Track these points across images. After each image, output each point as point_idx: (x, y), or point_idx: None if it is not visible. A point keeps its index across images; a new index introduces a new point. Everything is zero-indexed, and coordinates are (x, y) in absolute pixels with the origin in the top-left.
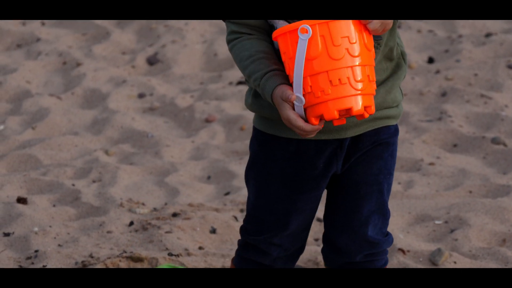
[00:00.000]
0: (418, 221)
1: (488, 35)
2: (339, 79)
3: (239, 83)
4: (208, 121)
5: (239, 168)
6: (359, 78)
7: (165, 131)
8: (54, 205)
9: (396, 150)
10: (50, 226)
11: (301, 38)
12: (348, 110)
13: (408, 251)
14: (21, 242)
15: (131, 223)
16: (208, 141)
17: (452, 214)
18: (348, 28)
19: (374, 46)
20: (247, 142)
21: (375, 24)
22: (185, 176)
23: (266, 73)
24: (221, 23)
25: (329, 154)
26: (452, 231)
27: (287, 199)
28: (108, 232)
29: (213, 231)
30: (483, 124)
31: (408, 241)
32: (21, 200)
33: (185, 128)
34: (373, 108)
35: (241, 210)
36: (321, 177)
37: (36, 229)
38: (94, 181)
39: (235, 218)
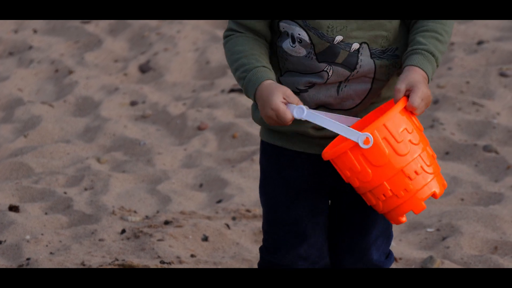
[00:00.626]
0: (410, 229)
1: (480, 43)
2: (415, 171)
3: (231, 91)
4: (200, 129)
5: (231, 176)
6: (428, 163)
7: (157, 139)
8: (46, 213)
9: None
10: (42, 234)
11: (365, 147)
12: (432, 196)
13: (400, 258)
14: (13, 250)
15: (123, 231)
16: (200, 149)
17: (444, 222)
18: (401, 120)
19: (392, 65)
20: (239, 150)
21: (421, 108)
22: (177, 184)
23: (257, 67)
24: (213, 31)
25: (335, 169)
26: (444, 238)
27: (299, 210)
28: (100, 240)
29: (205, 239)
30: (475, 131)
31: (400, 249)
32: (13, 208)
33: (177, 136)
34: (445, 182)
35: (233, 218)
36: (332, 188)
37: (28, 237)
38: (86, 189)
39: (227, 226)
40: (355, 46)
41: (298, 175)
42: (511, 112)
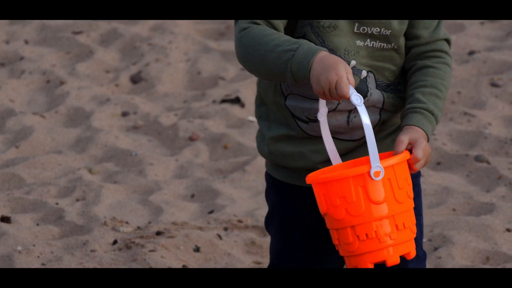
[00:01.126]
0: None
1: (471, 53)
2: (403, 224)
3: (223, 101)
4: (192, 139)
5: (223, 186)
6: (415, 221)
7: (149, 149)
8: (37, 224)
9: (421, 190)
10: (34, 245)
11: (374, 179)
12: (405, 256)
13: None
14: (4, 261)
15: (115, 242)
16: (192, 160)
17: (435, 232)
18: (406, 170)
19: (398, 97)
20: (231, 160)
21: (421, 164)
22: (169, 195)
23: (306, 41)
24: (204, 42)
25: None
26: (435, 249)
27: (311, 249)
28: (92, 251)
29: (197, 249)
30: (467, 142)
31: None
32: (5, 219)
33: (169, 147)
34: (414, 251)
35: (225, 229)
36: None
37: (19, 248)
38: (77, 200)
39: (219, 236)
40: (364, 73)
41: (313, 212)
42: (502, 122)
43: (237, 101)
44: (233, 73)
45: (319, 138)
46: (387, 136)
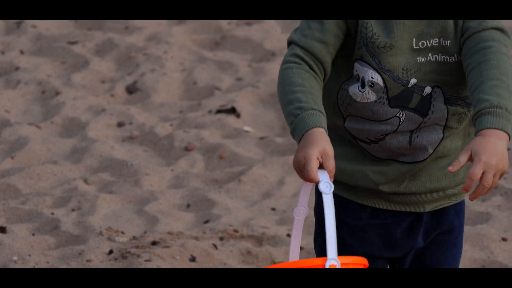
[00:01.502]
0: None
1: None
2: None
3: (218, 111)
4: (187, 149)
5: (219, 196)
6: None
7: (145, 159)
8: (33, 234)
9: (460, 251)
10: (29, 255)
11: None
12: None
13: None
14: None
15: (111, 252)
16: (188, 170)
17: None
18: None
19: (465, 113)
20: (227, 170)
21: (488, 181)
22: (164, 205)
23: (313, 109)
24: (200, 52)
25: (406, 226)
26: None
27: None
28: (88, 260)
29: (193, 259)
30: None
31: None
32: (0, 229)
33: (164, 157)
34: None
35: (221, 238)
36: (398, 248)
37: (15, 258)
38: (73, 210)
39: (215, 246)
40: (428, 89)
41: (365, 230)
42: None
43: (232, 111)
44: (229, 83)
45: (382, 160)
46: (449, 165)
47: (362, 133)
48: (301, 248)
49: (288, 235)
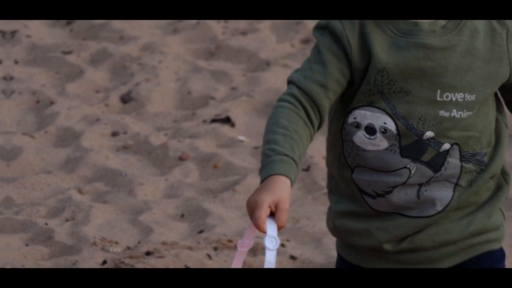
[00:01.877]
0: None
1: None
2: None
3: (213, 121)
4: (181, 159)
5: (213, 206)
6: None
7: (139, 169)
8: (27, 244)
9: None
10: (23, 266)
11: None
12: None
13: None
14: None
15: (104, 262)
16: (182, 179)
17: None
18: None
19: (476, 171)
20: (221, 180)
21: None
22: (158, 215)
23: (286, 155)
24: (194, 61)
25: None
26: None
27: None
28: None
29: None
30: None
31: None
32: None
33: (158, 167)
34: None
35: (215, 248)
36: None
37: (8, 268)
38: (67, 220)
39: (209, 256)
40: (446, 146)
41: None
42: None
43: (227, 120)
44: (224, 92)
45: (387, 214)
46: (462, 218)
47: (369, 185)
48: (295, 258)
49: (283, 245)
